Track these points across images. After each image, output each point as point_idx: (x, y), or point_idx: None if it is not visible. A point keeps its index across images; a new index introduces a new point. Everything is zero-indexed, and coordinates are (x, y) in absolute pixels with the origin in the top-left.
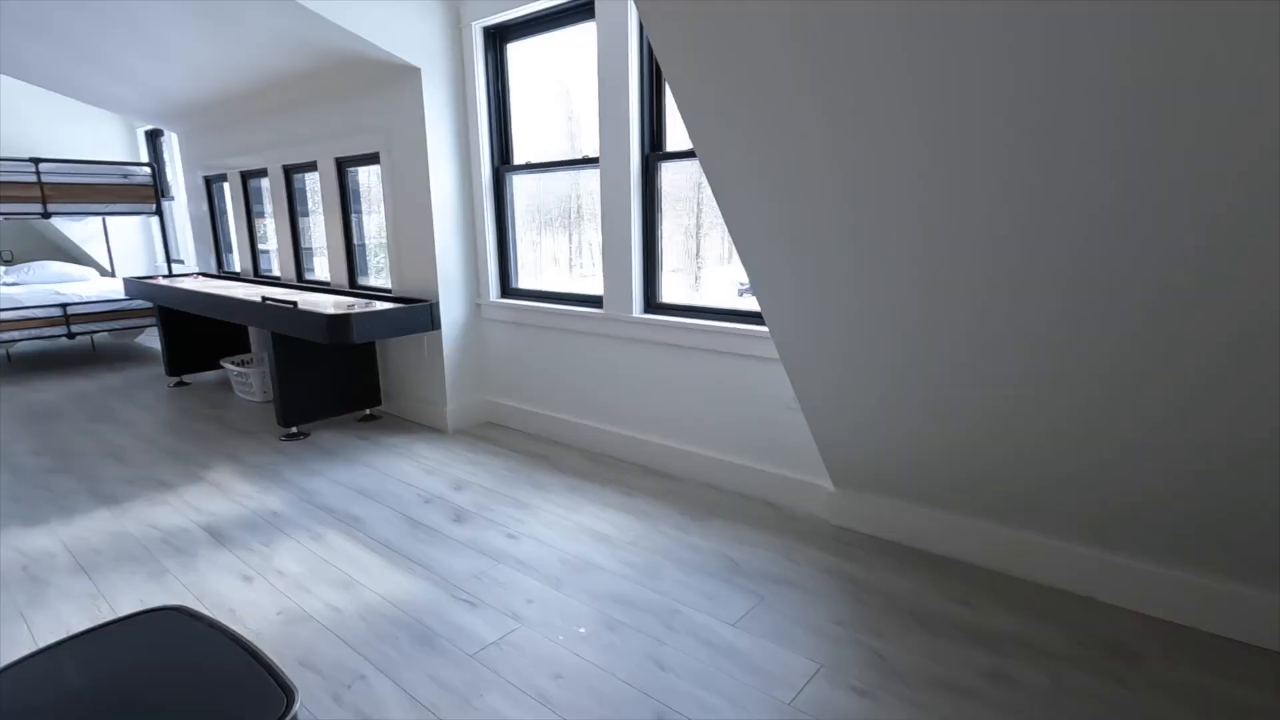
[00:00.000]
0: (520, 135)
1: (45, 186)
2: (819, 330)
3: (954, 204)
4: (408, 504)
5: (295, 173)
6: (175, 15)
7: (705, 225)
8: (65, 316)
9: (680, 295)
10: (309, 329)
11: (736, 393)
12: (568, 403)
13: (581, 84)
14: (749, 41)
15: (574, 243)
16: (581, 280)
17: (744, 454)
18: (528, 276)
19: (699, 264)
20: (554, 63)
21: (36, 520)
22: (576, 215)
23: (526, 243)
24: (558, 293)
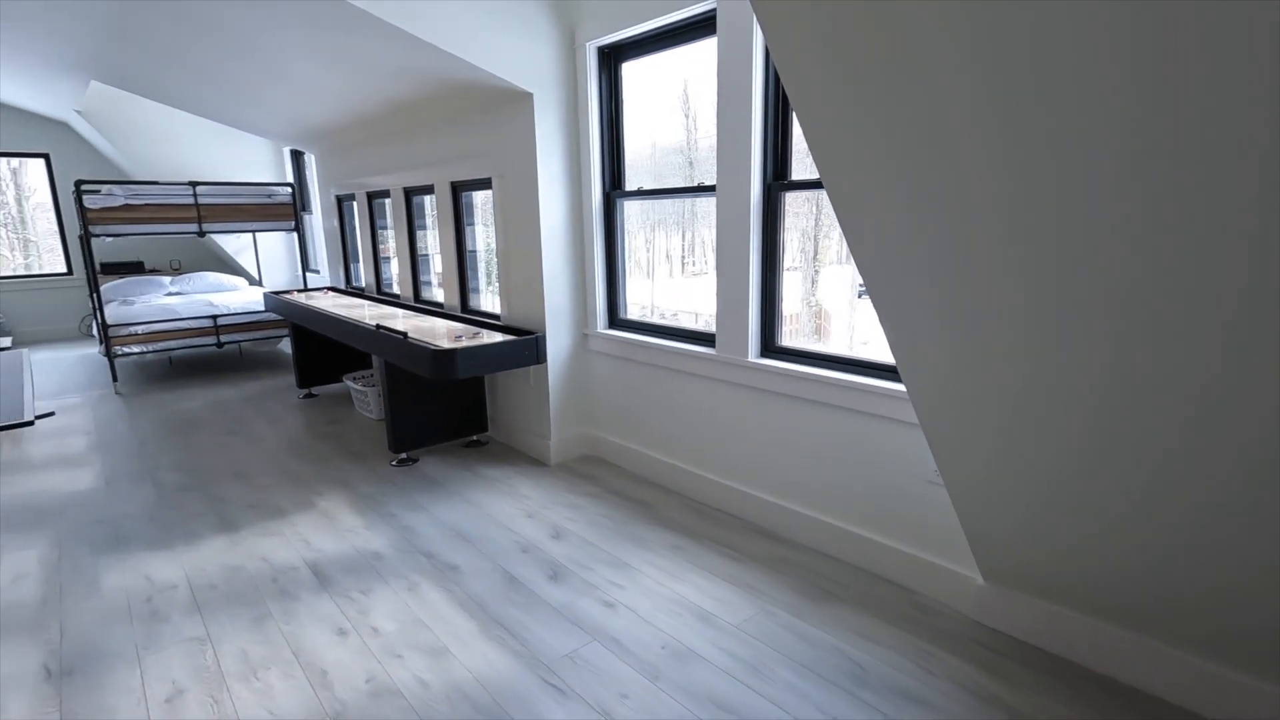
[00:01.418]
0: (633, 160)
1: (201, 207)
2: (971, 408)
3: (1166, 284)
4: (505, 553)
5: (415, 195)
6: (306, 53)
7: (826, 257)
8: (215, 327)
9: (801, 337)
10: (416, 361)
11: (866, 456)
12: (674, 446)
13: (698, 105)
14: (905, 56)
15: (687, 239)
16: (693, 279)
17: (872, 526)
18: (638, 274)
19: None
20: (669, 83)
21: (166, 545)
22: (690, 211)
23: (640, 240)
24: (668, 327)
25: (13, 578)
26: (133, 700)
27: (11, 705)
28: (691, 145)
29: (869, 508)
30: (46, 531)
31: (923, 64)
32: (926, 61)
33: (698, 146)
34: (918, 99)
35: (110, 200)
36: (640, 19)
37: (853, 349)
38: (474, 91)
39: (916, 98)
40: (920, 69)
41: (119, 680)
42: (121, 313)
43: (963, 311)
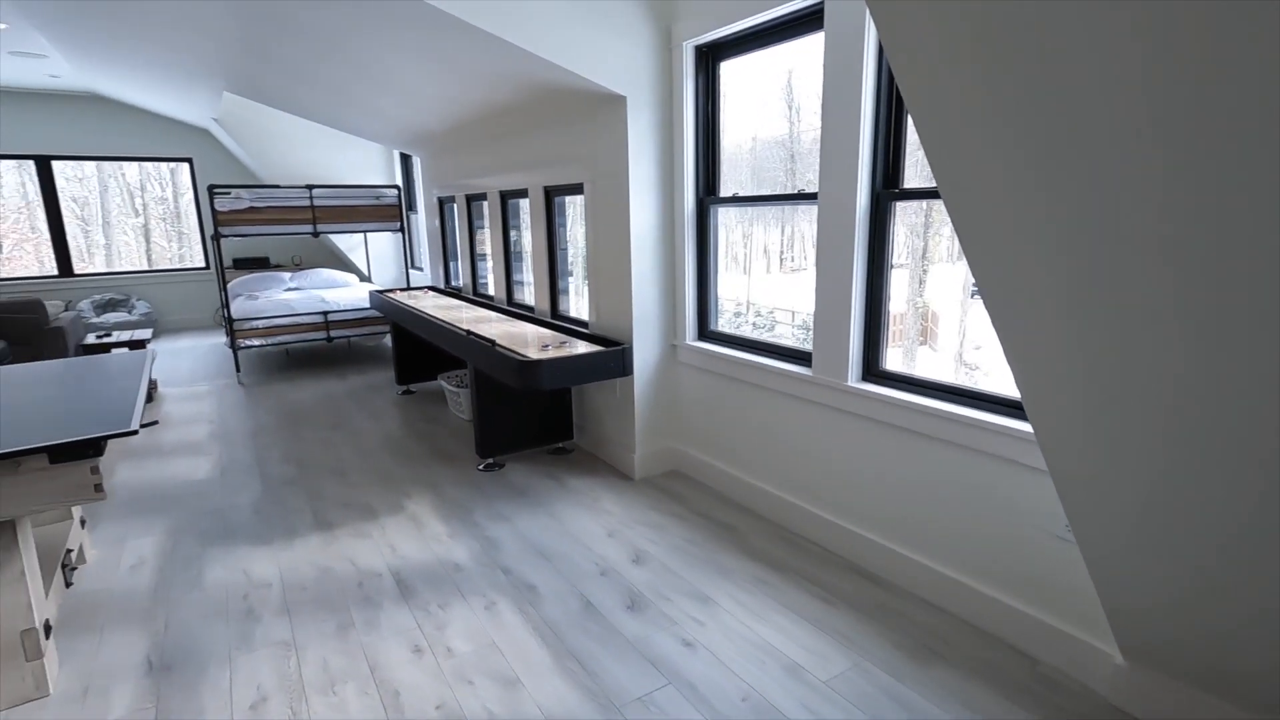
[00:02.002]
0: (730, 154)
1: (316, 209)
2: (1111, 463)
3: None
4: (584, 575)
5: (510, 198)
6: (411, 62)
7: (936, 254)
8: (326, 322)
9: (906, 340)
10: (503, 370)
11: (983, 499)
12: (763, 468)
13: (803, 96)
14: (1054, 64)
15: (786, 233)
16: (791, 276)
17: (988, 579)
18: (734, 270)
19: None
20: (771, 75)
21: (266, 540)
22: (791, 205)
23: (737, 235)
24: (760, 342)
25: (132, 564)
26: (220, 703)
27: (117, 696)
28: (794, 138)
29: (985, 557)
30: (165, 519)
31: (1074, 75)
32: (1079, 74)
33: (800, 139)
34: (1064, 112)
35: (237, 203)
36: (741, 15)
37: (964, 352)
38: (568, 96)
39: (1063, 111)
40: (1070, 80)
41: (210, 681)
42: (246, 307)
43: (1107, 351)
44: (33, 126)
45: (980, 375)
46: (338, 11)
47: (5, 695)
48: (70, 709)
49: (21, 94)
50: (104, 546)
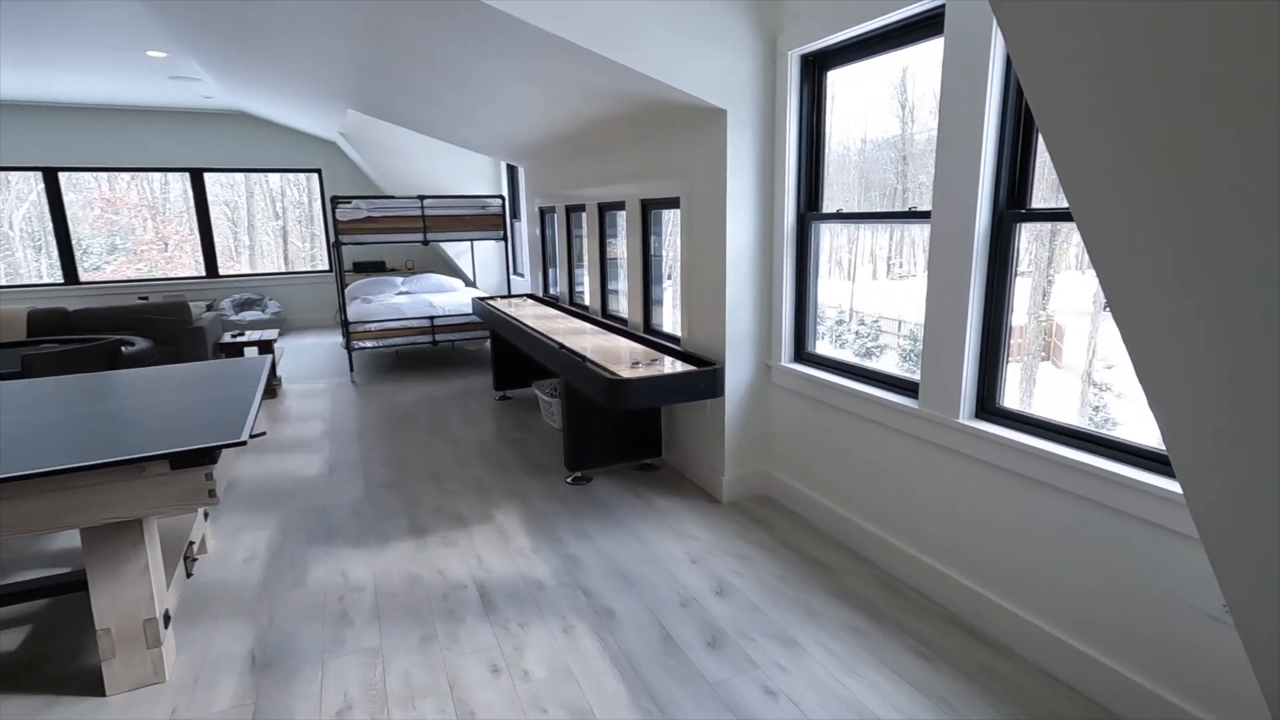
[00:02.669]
0: (839, 155)
1: (426, 218)
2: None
3: None
4: (664, 604)
5: (608, 210)
6: (511, 77)
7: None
8: (432, 326)
9: (1027, 356)
10: (591, 386)
11: (1117, 563)
12: (862, 503)
13: (918, 96)
14: None
15: (895, 238)
16: (899, 283)
17: (1118, 655)
18: (837, 276)
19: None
20: (884, 75)
21: (363, 542)
22: (901, 198)
23: (843, 239)
24: (861, 368)
25: (246, 557)
26: (310, 707)
27: (222, 688)
28: (907, 139)
29: (1119, 630)
30: (278, 514)
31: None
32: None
33: (914, 140)
34: (1220, 123)
35: (355, 213)
36: (853, 21)
37: (1093, 371)
38: (666, 109)
39: (1220, 122)
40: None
41: (303, 683)
42: (360, 310)
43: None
44: (188, 141)
45: (1112, 398)
46: (445, 34)
47: (127, 678)
48: (182, 696)
49: (179, 113)
50: (223, 537)
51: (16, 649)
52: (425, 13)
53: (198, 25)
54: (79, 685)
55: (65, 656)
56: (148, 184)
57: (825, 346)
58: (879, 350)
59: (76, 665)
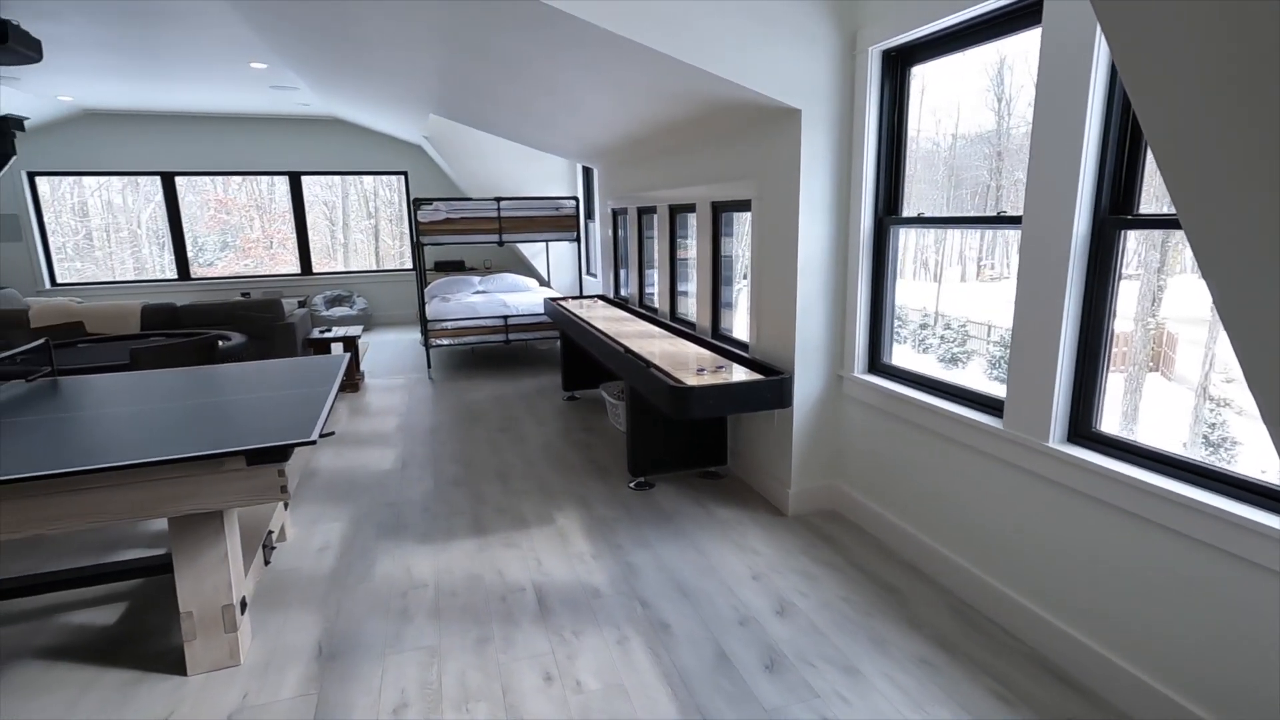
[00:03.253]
0: (923, 162)
1: (502, 220)
2: None
3: None
4: (722, 621)
5: (679, 212)
6: (584, 80)
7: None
8: (505, 325)
9: (1132, 366)
10: (654, 392)
11: (1232, 614)
12: (937, 525)
13: (1015, 87)
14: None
15: (986, 237)
16: (990, 287)
17: (1229, 716)
18: (923, 278)
19: None
20: (972, 75)
21: (429, 538)
22: (994, 202)
23: (929, 238)
24: (940, 382)
25: (320, 547)
26: (369, 702)
27: (290, 676)
28: (1004, 133)
29: (1233, 690)
30: (352, 505)
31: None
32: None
33: (1011, 135)
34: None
35: (435, 214)
36: (941, 13)
37: (1209, 385)
38: (738, 110)
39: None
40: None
41: (364, 677)
42: (438, 309)
43: None
44: (287, 146)
45: (1231, 414)
46: (520, 40)
47: (206, 660)
48: (254, 680)
49: (278, 120)
50: (302, 526)
51: (114, 623)
52: (501, 22)
53: (294, 39)
54: (164, 663)
55: (155, 634)
56: (256, 186)
57: (906, 352)
58: (965, 356)
59: (163, 644)
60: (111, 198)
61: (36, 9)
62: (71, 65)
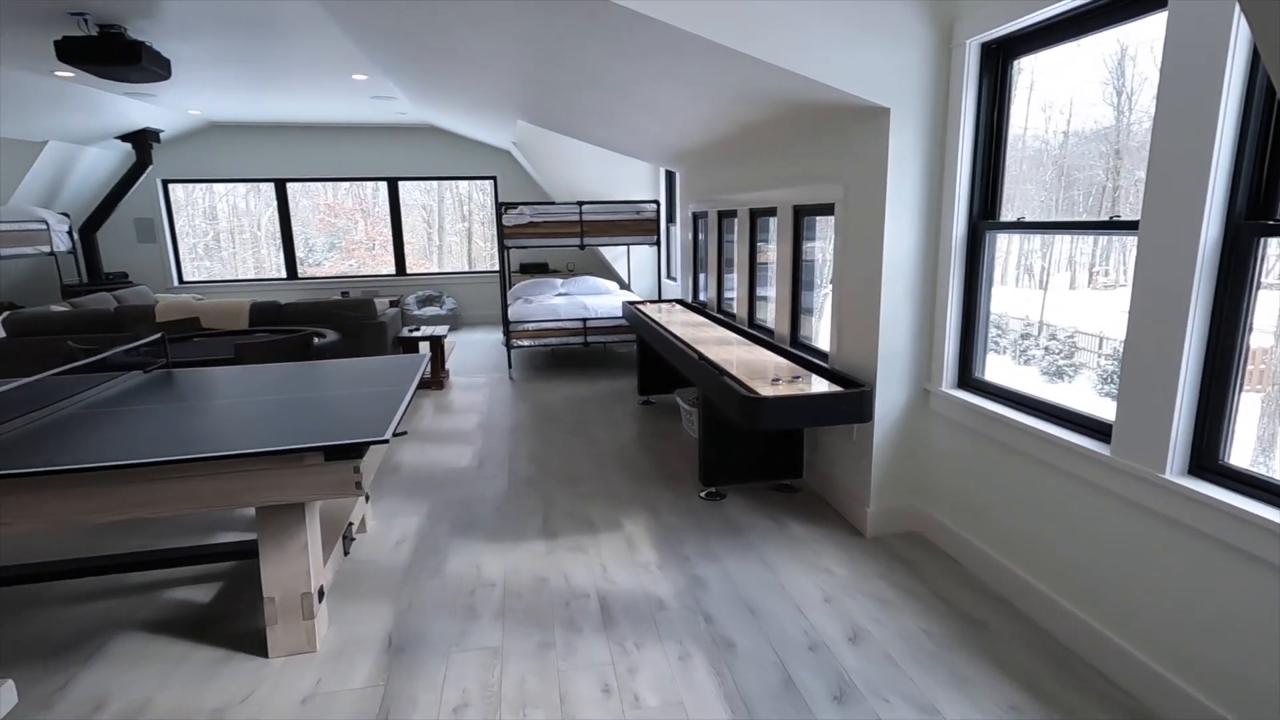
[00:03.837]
0: (1025, 175)
1: (584, 223)
2: None
3: None
4: (790, 644)
5: (759, 216)
6: (664, 83)
7: None
8: (584, 328)
9: (1267, 414)
10: (725, 401)
11: None
12: (1033, 557)
13: (1135, 91)
14: None
15: (1100, 243)
16: (1103, 295)
17: None
18: (1026, 285)
19: None
20: (1086, 67)
21: (499, 538)
22: (1109, 204)
23: (1035, 243)
24: (1039, 401)
25: (397, 540)
26: (431, 699)
27: (360, 666)
28: (1124, 130)
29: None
30: (429, 501)
31: None
32: None
33: (1131, 132)
34: None
35: (520, 218)
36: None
37: None
38: (822, 110)
39: None
40: None
41: (428, 673)
42: (521, 310)
43: None
44: (385, 153)
45: None
46: (604, 45)
47: (285, 644)
48: (327, 667)
49: (376, 129)
50: (382, 519)
51: (209, 602)
52: (586, 30)
53: (392, 51)
54: (248, 644)
55: (242, 615)
56: (361, 190)
57: (1005, 363)
58: (1072, 370)
59: (249, 625)
60: (236, 202)
61: (166, 30)
62: (198, 81)
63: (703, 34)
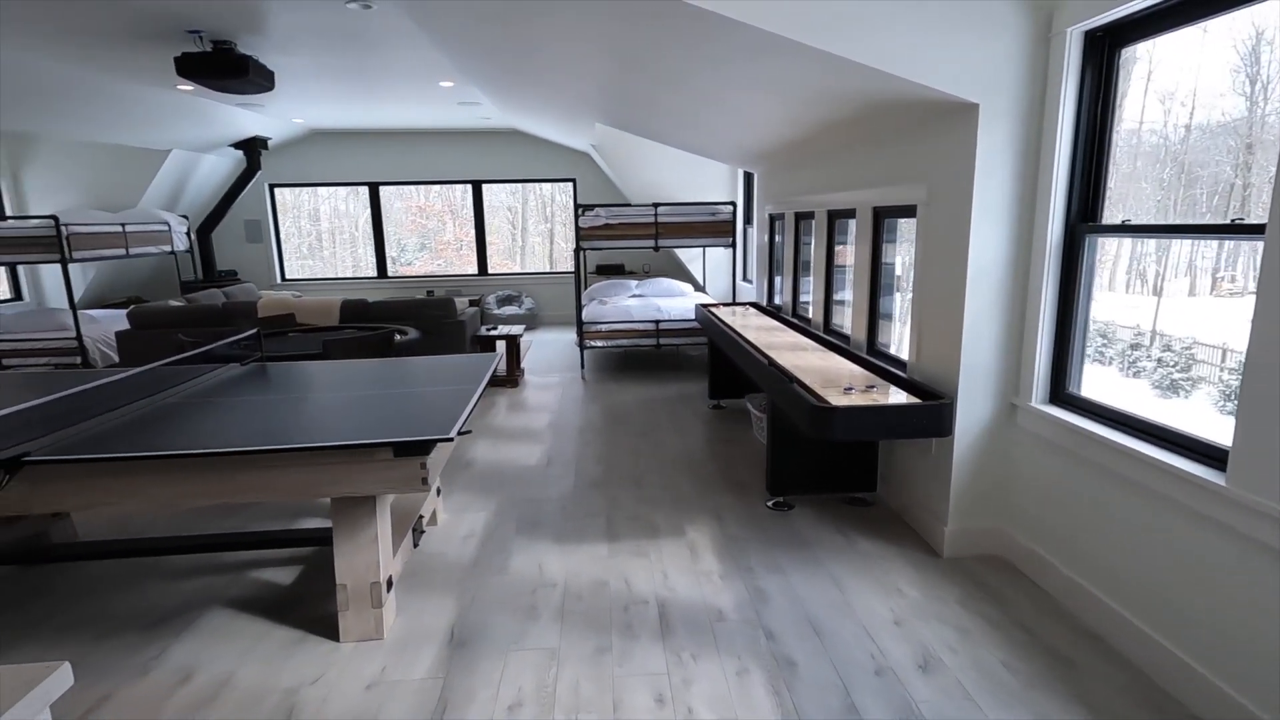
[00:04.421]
0: (1131, 178)
1: (659, 225)
2: None
3: None
4: (854, 668)
5: (837, 218)
6: (741, 84)
7: None
8: (657, 330)
9: None
10: (794, 409)
11: None
12: (1131, 592)
13: (1273, 79)
14: None
15: (1226, 246)
16: (1229, 303)
17: None
18: (1138, 290)
19: None
20: (1216, 61)
21: (562, 538)
22: (1240, 204)
23: (1150, 246)
24: (1143, 422)
25: (465, 535)
26: (488, 695)
27: (423, 656)
28: (1257, 122)
29: None
30: (498, 498)
31: None
32: None
33: (1266, 124)
34: None
35: (595, 220)
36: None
37: None
38: (906, 108)
39: None
40: None
41: (486, 669)
42: (595, 311)
43: None
44: (470, 157)
45: None
46: (684, 49)
47: (355, 631)
48: (392, 656)
49: (461, 133)
50: (453, 512)
51: (289, 585)
52: (666, 34)
53: (476, 59)
54: (322, 627)
55: (319, 599)
56: (450, 192)
57: (1110, 376)
58: (1189, 385)
59: (323, 610)
60: (337, 204)
61: (270, 44)
62: (299, 91)
63: (785, 34)
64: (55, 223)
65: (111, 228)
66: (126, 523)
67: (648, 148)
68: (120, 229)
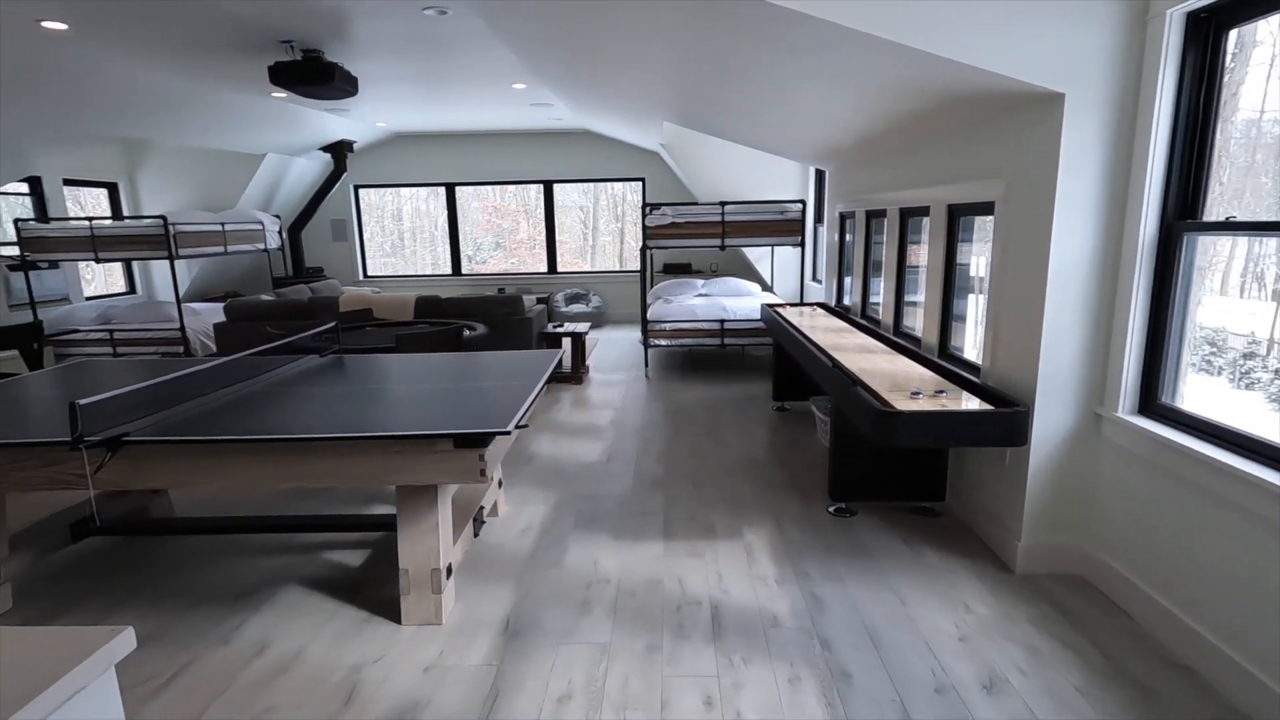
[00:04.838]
0: (1249, 172)
1: (726, 224)
2: None
3: None
4: (914, 683)
5: (910, 216)
6: (811, 80)
7: None
8: (722, 330)
9: None
10: (857, 413)
11: None
12: (1227, 621)
13: None
14: None
15: None
16: None
17: None
18: (1254, 295)
19: None
20: None
21: (618, 535)
22: None
23: (1271, 246)
24: (1241, 436)
25: (523, 528)
26: (538, 685)
27: (479, 644)
28: None
29: None
30: (558, 492)
31: None
32: None
33: None
34: None
35: (662, 219)
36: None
37: None
38: (983, 100)
39: None
40: None
41: (538, 660)
42: (660, 310)
43: None
44: (542, 157)
45: None
46: (755, 45)
47: (416, 615)
48: (449, 642)
49: (533, 134)
50: (513, 504)
51: (358, 567)
52: (737, 31)
53: (548, 60)
54: (386, 610)
55: (385, 583)
56: (525, 192)
57: (1218, 387)
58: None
59: (388, 593)
60: (419, 204)
61: (354, 51)
62: (380, 95)
63: (858, 27)
64: (164, 222)
65: (212, 227)
66: (216, 502)
67: (717, 146)
68: (220, 228)
